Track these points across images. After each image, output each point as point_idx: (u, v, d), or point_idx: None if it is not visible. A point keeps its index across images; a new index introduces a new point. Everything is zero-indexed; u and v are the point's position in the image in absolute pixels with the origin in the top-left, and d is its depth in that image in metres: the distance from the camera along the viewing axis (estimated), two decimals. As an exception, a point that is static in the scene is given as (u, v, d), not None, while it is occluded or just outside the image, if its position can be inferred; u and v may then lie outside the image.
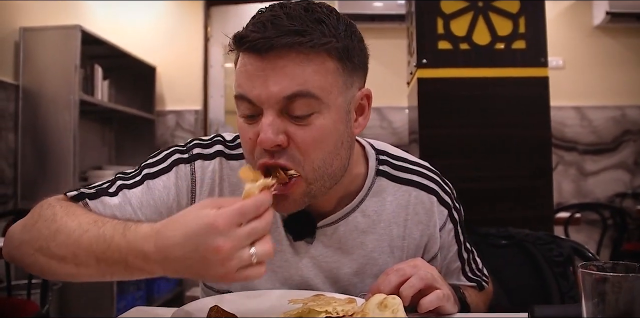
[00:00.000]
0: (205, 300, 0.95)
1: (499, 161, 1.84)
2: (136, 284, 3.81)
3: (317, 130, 0.87)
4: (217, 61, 4.65)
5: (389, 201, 1.06)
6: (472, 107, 1.87)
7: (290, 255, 1.03)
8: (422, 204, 1.07)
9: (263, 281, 1.03)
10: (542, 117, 1.86)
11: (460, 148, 1.86)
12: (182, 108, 4.55)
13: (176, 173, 1.02)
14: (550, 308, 0.94)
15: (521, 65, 1.87)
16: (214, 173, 1.04)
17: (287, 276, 1.04)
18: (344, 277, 1.04)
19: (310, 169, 0.88)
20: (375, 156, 1.08)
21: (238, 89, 0.88)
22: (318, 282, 1.04)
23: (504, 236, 1.52)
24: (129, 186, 1.00)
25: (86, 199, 0.96)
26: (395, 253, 1.06)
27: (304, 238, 1.03)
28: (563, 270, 1.43)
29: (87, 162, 3.82)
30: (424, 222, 1.07)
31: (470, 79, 1.86)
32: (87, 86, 3.64)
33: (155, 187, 1.01)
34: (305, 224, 1.02)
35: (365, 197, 1.05)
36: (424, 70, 1.88)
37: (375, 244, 1.05)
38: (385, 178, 1.07)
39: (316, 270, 1.04)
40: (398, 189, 1.07)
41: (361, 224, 1.04)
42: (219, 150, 1.06)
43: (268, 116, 0.85)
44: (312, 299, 0.89)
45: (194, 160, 1.04)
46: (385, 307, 0.84)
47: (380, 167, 1.07)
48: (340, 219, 1.03)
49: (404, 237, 1.06)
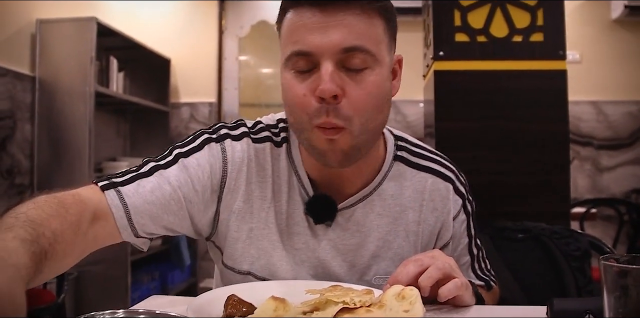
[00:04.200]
0: (222, 290, 0.95)
1: (515, 155, 1.83)
2: (150, 275, 3.84)
3: (369, 84, 0.90)
4: (232, 53, 4.65)
5: (406, 186, 1.08)
6: (488, 100, 1.86)
7: (309, 238, 1.05)
8: (438, 191, 1.09)
9: (283, 263, 1.04)
10: (560, 111, 1.84)
11: (476, 141, 1.85)
12: (197, 100, 4.56)
13: (208, 151, 1.03)
14: (570, 301, 0.94)
15: (539, 58, 1.85)
16: (243, 152, 1.05)
17: (304, 258, 1.05)
18: (361, 260, 1.06)
19: (358, 123, 0.91)
20: (394, 141, 1.10)
21: (294, 45, 0.90)
22: (335, 265, 1.05)
23: (520, 230, 1.51)
24: (162, 166, 1.01)
25: (118, 187, 0.97)
26: (410, 237, 1.07)
27: (325, 221, 1.03)
28: (580, 265, 1.42)
29: (102, 153, 3.84)
30: (439, 208, 1.08)
31: (487, 71, 1.85)
32: (103, 78, 3.66)
33: (190, 164, 1.01)
34: (327, 207, 1.03)
35: (382, 181, 1.07)
36: (440, 63, 1.87)
37: (390, 227, 1.06)
38: (403, 163, 1.09)
39: (334, 252, 1.05)
40: (415, 175, 1.09)
41: (378, 207, 1.06)
42: (245, 132, 1.07)
43: (328, 66, 0.88)
44: (329, 289, 0.89)
45: (223, 140, 1.05)
46: (403, 298, 0.84)
47: (398, 152, 1.09)
48: (358, 202, 1.05)
49: (419, 222, 1.07)
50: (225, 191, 1.04)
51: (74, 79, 3.31)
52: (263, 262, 1.05)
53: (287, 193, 1.05)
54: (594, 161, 4.47)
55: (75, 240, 0.83)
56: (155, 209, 0.98)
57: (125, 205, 0.95)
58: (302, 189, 1.05)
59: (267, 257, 1.05)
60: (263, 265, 1.05)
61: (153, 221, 0.99)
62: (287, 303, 0.80)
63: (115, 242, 0.99)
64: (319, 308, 0.84)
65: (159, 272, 3.96)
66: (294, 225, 1.05)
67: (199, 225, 1.06)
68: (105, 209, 0.94)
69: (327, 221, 1.04)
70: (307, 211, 1.03)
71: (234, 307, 0.83)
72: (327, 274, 1.06)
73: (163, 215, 0.99)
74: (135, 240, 1.00)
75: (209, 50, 4.60)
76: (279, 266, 1.05)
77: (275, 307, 0.79)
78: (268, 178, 1.05)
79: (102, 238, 0.95)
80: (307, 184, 1.05)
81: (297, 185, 1.05)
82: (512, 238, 1.49)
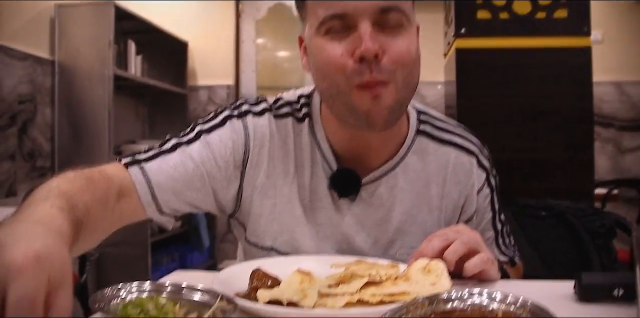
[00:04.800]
0: (247, 264, 0.95)
1: (539, 132, 1.81)
2: (170, 256, 3.88)
3: (406, 41, 0.91)
4: (249, 36, 4.63)
5: (429, 160, 1.07)
6: (511, 77, 1.83)
7: (333, 213, 1.05)
8: (461, 165, 1.08)
9: (306, 238, 1.04)
10: (584, 88, 1.81)
11: (499, 119, 1.83)
12: (214, 83, 4.56)
13: (230, 127, 1.03)
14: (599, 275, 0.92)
15: (563, 35, 1.81)
16: (265, 128, 1.05)
17: (328, 234, 1.05)
18: (385, 234, 1.06)
19: (401, 77, 0.91)
20: (417, 115, 1.10)
21: (328, 9, 0.90)
22: (359, 240, 1.05)
23: (543, 207, 1.49)
24: (185, 143, 1.01)
25: (142, 163, 0.97)
26: (433, 212, 1.06)
27: (349, 195, 1.03)
28: (605, 243, 1.40)
29: (121, 136, 3.86)
30: (462, 182, 1.08)
31: (510, 48, 1.82)
32: (121, 61, 3.67)
33: (212, 141, 1.01)
34: (351, 181, 1.02)
35: (406, 155, 1.06)
36: (462, 41, 1.84)
37: (414, 202, 1.06)
38: (426, 137, 1.08)
39: (358, 227, 1.05)
40: (438, 149, 1.08)
41: (401, 182, 1.05)
42: (266, 108, 1.07)
43: (366, 26, 0.88)
44: (354, 264, 0.89)
45: (245, 116, 1.05)
46: (428, 271, 0.83)
47: (421, 126, 1.09)
48: (382, 176, 1.04)
49: (443, 197, 1.07)
50: (248, 167, 1.04)
51: (93, 63, 3.34)
52: (286, 237, 1.05)
53: (310, 168, 1.05)
54: (616, 142, 4.41)
55: (105, 215, 0.84)
56: (179, 185, 0.98)
57: (149, 181, 0.96)
58: (326, 164, 1.04)
59: (290, 232, 1.05)
60: (286, 240, 1.05)
61: (177, 197, 0.99)
62: (313, 277, 0.80)
63: (140, 219, 0.99)
64: (344, 282, 0.84)
65: (179, 253, 4.00)
66: (317, 200, 1.05)
67: (223, 202, 1.06)
68: (129, 186, 0.94)
69: (351, 195, 1.03)
70: (331, 185, 1.03)
71: (259, 280, 0.83)
72: (351, 249, 1.05)
73: (186, 191, 0.99)
74: (160, 217, 1.01)
75: (226, 33, 4.58)
76: (302, 241, 1.04)
77: (301, 280, 0.78)
78: (290, 153, 1.05)
79: (127, 215, 0.95)
80: (331, 159, 1.04)
81: (320, 160, 1.05)
82: (535, 216, 1.47)
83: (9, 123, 2.97)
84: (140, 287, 0.78)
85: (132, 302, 0.72)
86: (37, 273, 0.46)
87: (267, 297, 0.76)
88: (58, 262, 0.49)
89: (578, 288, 0.84)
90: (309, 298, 0.78)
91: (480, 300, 0.69)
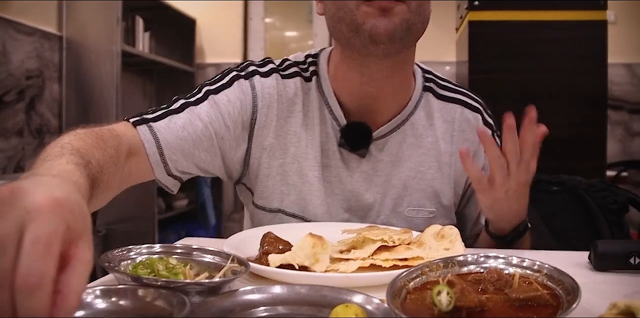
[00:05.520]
0: (258, 229, 0.94)
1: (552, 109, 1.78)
2: (177, 234, 3.90)
3: None
4: (257, 14, 4.59)
5: (436, 117, 1.08)
6: (524, 51, 1.80)
7: (342, 170, 1.05)
8: (467, 121, 1.09)
9: (314, 197, 1.04)
10: (599, 63, 1.78)
11: (512, 93, 1.80)
12: (222, 61, 4.53)
13: (237, 87, 1.03)
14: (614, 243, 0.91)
15: (579, 8, 1.78)
16: (272, 88, 1.04)
17: (337, 191, 1.05)
18: (393, 190, 1.06)
19: (415, 3, 0.92)
20: (422, 73, 1.10)
21: None
22: (368, 197, 1.05)
23: (555, 183, 1.47)
24: (193, 103, 1.01)
25: (150, 123, 0.97)
26: (443, 169, 1.06)
27: (361, 148, 1.02)
28: (617, 218, 1.39)
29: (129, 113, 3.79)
30: (469, 139, 1.08)
31: (524, 22, 1.79)
32: (129, 38, 3.64)
33: (220, 101, 1.01)
34: (362, 134, 1.02)
35: (414, 110, 1.07)
36: (475, 13, 1.81)
37: (423, 158, 1.06)
38: (432, 94, 1.09)
39: (367, 184, 1.05)
40: (444, 106, 1.09)
41: (410, 137, 1.06)
42: (273, 68, 1.07)
43: None
44: (366, 229, 0.88)
45: (252, 76, 1.05)
46: (442, 237, 0.82)
47: (426, 83, 1.10)
48: (391, 132, 1.05)
49: (452, 153, 1.07)
50: (257, 127, 1.04)
51: (101, 39, 3.31)
52: (294, 197, 1.05)
53: (319, 125, 1.05)
54: (626, 126, 4.37)
55: (116, 173, 0.83)
56: (187, 145, 0.98)
57: (157, 140, 0.95)
58: (335, 121, 1.04)
59: (297, 191, 1.05)
60: (294, 200, 1.05)
61: (185, 157, 0.99)
62: (325, 241, 0.79)
63: (148, 178, 0.99)
64: (357, 247, 0.83)
65: (185, 231, 4.01)
66: (326, 158, 1.05)
67: (230, 164, 1.05)
68: (138, 144, 0.94)
69: (363, 149, 1.03)
70: (342, 138, 1.03)
71: (270, 244, 0.82)
72: (359, 207, 1.05)
73: (195, 151, 0.99)
74: (167, 178, 1.00)
75: (234, 10, 4.54)
76: (310, 200, 1.04)
77: (313, 244, 0.78)
78: (299, 112, 1.05)
79: (135, 173, 0.95)
80: (340, 115, 1.04)
81: (329, 117, 1.05)
82: (547, 191, 1.46)
83: (16, 98, 2.96)
84: (150, 249, 0.78)
85: (142, 262, 0.72)
86: (55, 217, 0.45)
87: (279, 260, 0.76)
88: (78, 211, 0.48)
89: (593, 257, 0.83)
90: (321, 263, 0.77)
91: (496, 264, 0.68)
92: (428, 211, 1.06)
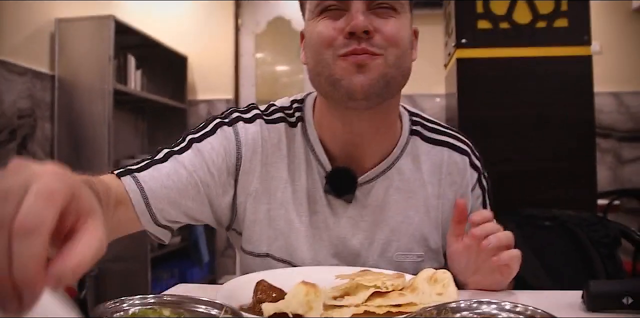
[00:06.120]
0: (250, 276, 0.94)
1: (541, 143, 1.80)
2: (170, 272, 3.86)
3: (397, 24, 0.94)
4: (248, 50, 4.65)
5: (423, 160, 1.08)
6: (512, 87, 1.83)
7: (329, 216, 1.04)
8: (455, 164, 1.08)
9: (301, 243, 1.04)
10: (585, 97, 1.81)
11: (502, 129, 1.82)
12: (214, 97, 4.56)
13: (221, 134, 1.04)
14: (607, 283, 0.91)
15: (564, 44, 1.82)
16: (256, 134, 1.05)
17: (324, 237, 1.04)
18: (381, 236, 1.05)
19: (393, 54, 0.93)
20: (409, 117, 1.10)
21: None
22: (355, 242, 1.04)
23: (547, 217, 1.48)
24: (177, 152, 1.01)
25: (134, 173, 0.97)
26: (431, 212, 1.06)
27: (346, 193, 1.02)
28: (610, 252, 1.39)
29: (121, 151, 3.86)
30: (457, 182, 1.08)
31: (511, 58, 1.82)
32: (121, 76, 3.67)
33: (204, 148, 1.02)
34: (347, 179, 1.02)
35: (400, 156, 1.07)
36: (463, 51, 1.85)
37: (410, 203, 1.06)
38: (419, 138, 1.09)
39: (354, 229, 1.05)
40: (431, 149, 1.09)
41: (396, 182, 1.06)
42: (258, 114, 1.08)
43: (358, 6, 0.91)
44: (359, 274, 0.87)
45: (235, 123, 1.05)
46: (435, 281, 0.82)
47: (413, 127, 1.10)
48: (376, 176, 1.05)
49: (439, 196, 1.07)
50: (241, 173, 1.04)
51: (93, 77, 3.34)
52: (281, 242, 1.04)
53: (305, 171, 1.05)
54: (616, 153, 4.41)
55: (107, 220, 0.83)
56: (173, 194, 0.98)
57: (142, 189, 0.95)
58: (320, 167, 1.04)
59: (284, 237, 1.04)
60: (281, 245, 1.04)
61: (172, 206, 0.98)
62: (318, 288, 0.79)
63: (136, 229, 0.98)
64: (350, 293, 0.83)
65: (178, 269, 3.97)
66: (312, 203, 1.04)
67: (219, 211, 1.05)
68: (124, 194, 0.94)
69: (348, 194, 1.03)
70: (327, 183, 1.02)
71: (263, 293, 0.82)
72: (347, 252, 1.05)
73: (181, 200, 0.99)
74: (156, 228, 1.00)
75: (225, 47, 4.60)
76: (297, 246, 1.04)
77: (306, 292, 0.77)
78: (284, 158, 1.05)
79: (124, 224, 0.95)
80: (325, 161, 1.04)
81: (314, 163, 1.05)
82: (539, 226, 1.46)
83: (8, 138, 2.96)
84: (143, 300, 0.77)
85: (134, 314, 0.71)
86: (61, 179, 0.43)
87: (272, 309, 0.75)
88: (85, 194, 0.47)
89: (586, 297, 0.83)
90: (314, 311, 0.76)
91: (489, 309, 0.68)
92: (416, 255, 1.06)
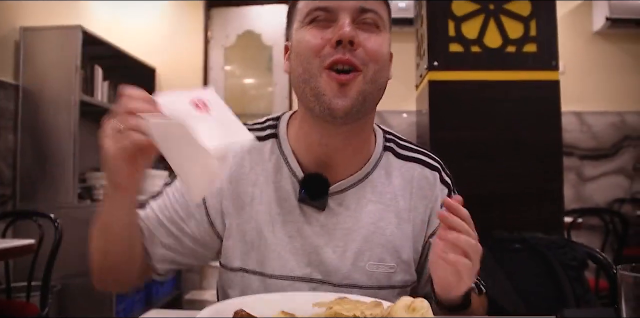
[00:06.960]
0: (228, 303, 0.93)
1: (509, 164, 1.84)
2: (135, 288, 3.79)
3: (380, 41, 0.98)
4: (217, 63, 4.63)
5: (395, 175, 1.10)
6: (482, 109, 1.86)
7: (302, 224, 1.05)
8: (425, 179, 1.10)
9: (274, 253, 1.04)
10: (553, 120, 1.85)
11: (471, 151, 1.85)
12: (182, 110, 4.53)
13: None
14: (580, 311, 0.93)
15: (532, 68, 1.86)
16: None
17: (298, 246, 1.05)
18: (353, 244, 1.05)
19: (372, 70, 0.97)
20: (383, 134, 1.13)
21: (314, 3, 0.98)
22: (328, 251, 1.05)
23: (517, 240, 1.50)
24: (154, 198, 1.09)
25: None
26: (402, 225, 1.07)
27: (320, 198, 1.04)
28: (577, 275, 1.42)
29: (87, 163, 3.78)
30: (427, 196, 1.10)
31: (481, 81, 1.86)
32: (87, 87, 3.61)
33: (170, 191, 1.08)
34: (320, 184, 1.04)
35: (373, 169, 1.08)
36: (434, 73, 1.87)
37: (382, 214, 1.07)
38: (392, 154, 1.12)
39: (327, 238, 1.05)
40: (403, 165, 1.11)
41: (369, 194, 1.07)
42: None
43: (345, 19, 0.95)
44: (337, 302, 0.87)
45: None
46: (413, 310, 0.82)
47: (387, 143, 1.12)
48: (349, 187, 1.06)
49: (410, 209, 1.08)
50: (208, 196, 1.06)
51: (59, 88, 3.27)
52: (254, 254, 1.05)
53: (274, 183, 1.06)
54: (578, 171, 4.52)
55: None
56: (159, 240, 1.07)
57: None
58: (294, 177, 1.06)
59: (257, 249, 1.05)
60: (253, 258, 1.05)
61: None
62: (296, 318, 0.78)
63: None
64: (328, 321, 0.82)
65: (144, 284, 3.90)
66: (286, 213, 1.05)
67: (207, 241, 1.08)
68: None
69: (322, 198, 1.04)
70: (301, 188, 1.04)
71: (241, 322, 0.81)
72: (320, 260, 1.05)
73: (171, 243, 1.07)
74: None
75: (194, 59, 4.58)
76: (269, 256, 1.04)
77: (285, 321, 0.77)
78: (250, 174, 1.07)
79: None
80: (298, 169, 1.06)
81: (287, 174, 1.06)
82: (509, 249, 1.48)
83: (-31, 149, 2.89)
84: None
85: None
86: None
87: (251, 339, 0.74)
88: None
89: (560, 325, 0.84)
90: (293, 340, 0.76)
91: (469, 342, 0.68)
92: (388, 266, 1.07)
